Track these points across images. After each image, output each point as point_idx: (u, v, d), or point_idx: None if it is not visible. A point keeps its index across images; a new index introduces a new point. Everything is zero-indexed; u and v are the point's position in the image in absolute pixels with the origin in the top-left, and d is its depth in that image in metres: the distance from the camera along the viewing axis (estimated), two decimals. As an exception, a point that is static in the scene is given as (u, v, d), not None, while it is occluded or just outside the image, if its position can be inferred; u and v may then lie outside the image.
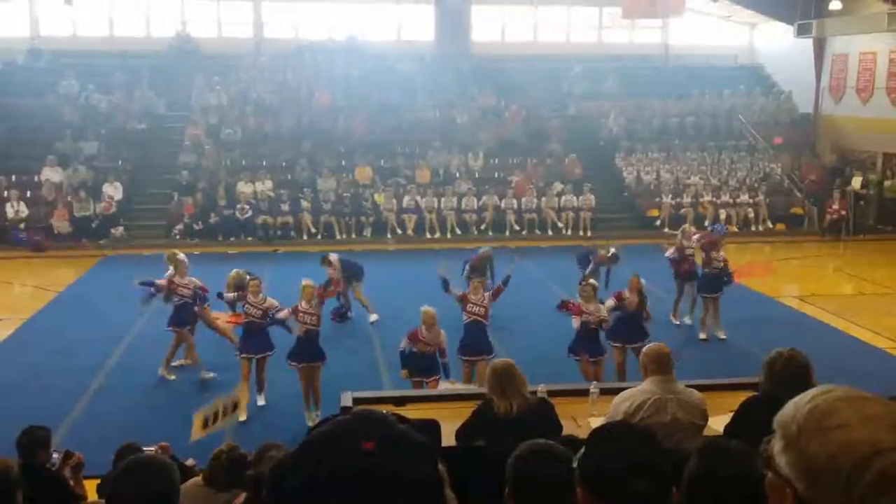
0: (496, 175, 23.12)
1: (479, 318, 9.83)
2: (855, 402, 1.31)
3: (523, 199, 21.64)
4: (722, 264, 12.89)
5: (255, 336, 9.84)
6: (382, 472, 1.25)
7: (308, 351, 9.55)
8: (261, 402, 10.00)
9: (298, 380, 9.62)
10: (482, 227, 21.26)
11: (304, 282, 9.75)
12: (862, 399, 1.32)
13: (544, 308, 14.22)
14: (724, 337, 12.66)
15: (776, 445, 1.34)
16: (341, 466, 1.25)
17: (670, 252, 13.44)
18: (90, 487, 5.90)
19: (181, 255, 11.47)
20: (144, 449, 5.32)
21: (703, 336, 12.74)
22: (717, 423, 5.33)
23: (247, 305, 9.91)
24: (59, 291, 15.59)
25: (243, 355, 9.87)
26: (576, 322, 9.84)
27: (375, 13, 27.42)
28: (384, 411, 1.42)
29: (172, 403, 9.92)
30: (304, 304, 9.51)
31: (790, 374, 4.70)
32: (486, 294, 10.06)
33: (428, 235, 20.93)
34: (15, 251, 19.29)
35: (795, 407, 1.34)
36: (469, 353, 9.76)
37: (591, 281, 10.68)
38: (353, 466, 1.25)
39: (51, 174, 21.15)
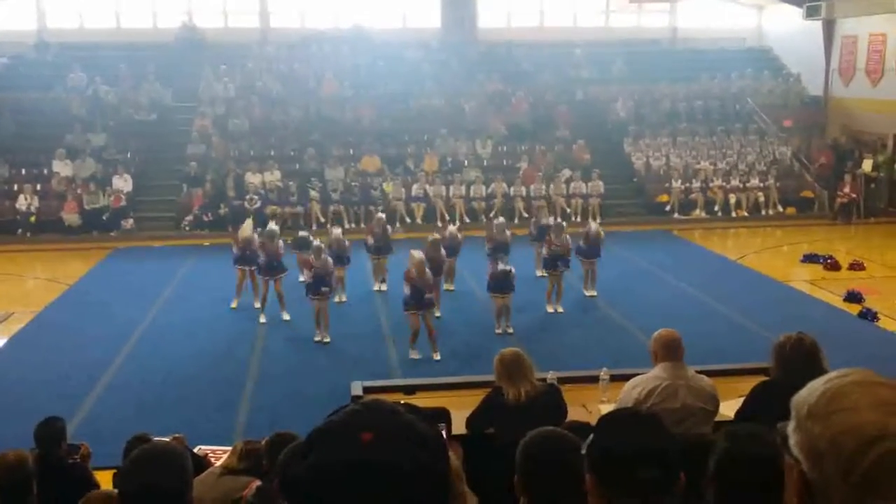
0: (504, 162, 23.05)
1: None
2: (870, 386, 1.28)
3: (532, 186, 21.58)
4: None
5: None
6: (377, 463, 1.27)
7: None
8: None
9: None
10: (491, 214, 21.21)
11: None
12: (878, 384, 1.29)
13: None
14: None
15: (789, 426, 1.33)
16: (337, 457, 1.28)
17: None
18: (101, 479, 5.91)
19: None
20: (157, 439, 5.30)
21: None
22: (728, 409, 5.32)
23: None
24: (70, 284, 15.64)
25: None
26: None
27: (381, 0, 27.31)
28: (394, 401, 1.42)
29: (184, 397, 9.95)
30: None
31: (799, 358, 4.70)
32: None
33: (438, 224, 20.89)
34: (25, 244, 19.38)
35: (810, 389, 1.32)
36: (495, 291, 12.30)
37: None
38: (348, 458, 1.27)
39: (60, 167, 21.22)
